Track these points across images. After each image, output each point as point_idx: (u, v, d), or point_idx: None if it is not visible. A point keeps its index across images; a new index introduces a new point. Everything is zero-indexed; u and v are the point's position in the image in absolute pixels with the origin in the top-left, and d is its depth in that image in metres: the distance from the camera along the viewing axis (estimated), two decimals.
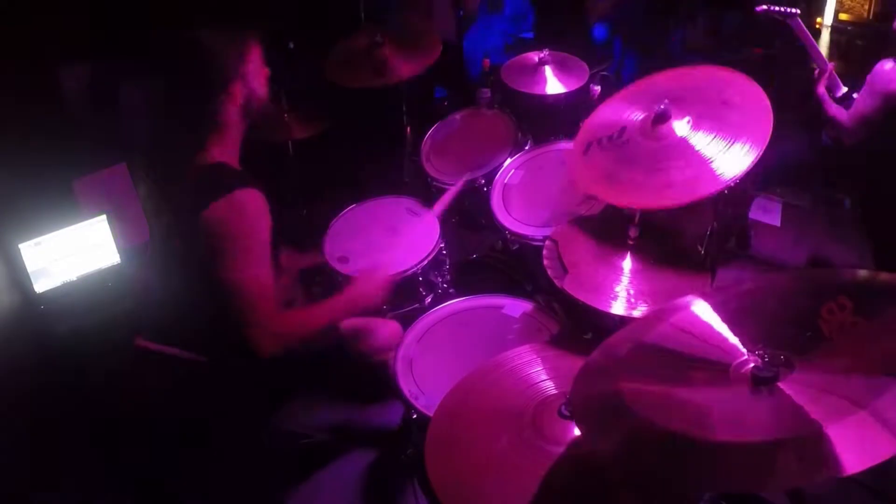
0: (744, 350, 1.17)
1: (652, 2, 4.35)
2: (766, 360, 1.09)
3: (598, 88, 2.85)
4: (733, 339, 1.20)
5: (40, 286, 2.55)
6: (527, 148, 2.74)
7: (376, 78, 2.81)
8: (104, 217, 2.65)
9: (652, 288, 1.79)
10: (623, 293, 1.79)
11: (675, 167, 1.73)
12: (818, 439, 0.89)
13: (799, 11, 2.74)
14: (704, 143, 1.74)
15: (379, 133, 3.76)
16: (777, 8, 2.75)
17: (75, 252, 2.61)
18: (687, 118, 1.80)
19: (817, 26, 4.32)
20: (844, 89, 2.72)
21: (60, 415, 2.43)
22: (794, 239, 3.57)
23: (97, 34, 2.87)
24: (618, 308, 1.74)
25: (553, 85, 2.91)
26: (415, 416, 1.85)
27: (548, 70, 2.94)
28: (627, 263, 1.87)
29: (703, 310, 1.29)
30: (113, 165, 2.76)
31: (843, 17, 4.29)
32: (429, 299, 2.46)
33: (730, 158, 1.67)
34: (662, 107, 1.81)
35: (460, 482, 1.36)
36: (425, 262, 2.39)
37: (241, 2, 3.33)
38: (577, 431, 1.37)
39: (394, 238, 2.50)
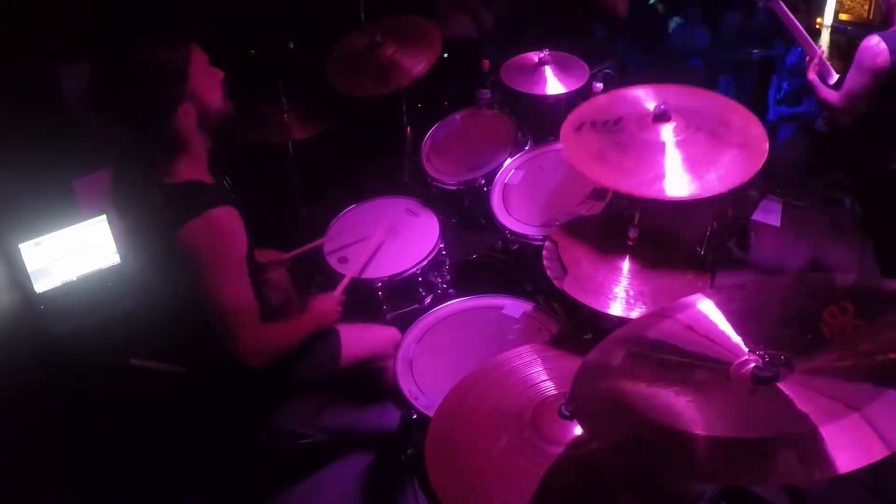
0: (745, 349, 1.17)
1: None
2: (767, 360, 1.10)
3: (600, 86, 2.84)
4: (736, 339, 1.20)
5: (40, 286, 2.54)
6: (527, 148, 2.74)
7: (382, 86, 2.74)
8: (104, 217, 2.65)
9: (651, 289, 1.79)
10: (623, 294, 1.79)
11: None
12: (813, 438, 0.90)
13: None
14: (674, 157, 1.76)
15: (379, 133, 3.76)
16: None
17: (75, 252, 2.60)
18: (674, 125, 1.81)
19: (817, 26, 4.32)
20: (836, 76, 2.70)
21: (60, 415, 2.43)
22: (794, 239, 3.57)
23: (97, 34, 2.86)
24: (617, 309, 1.74)
25: (553, 85, 2.90)
26: (415, 417, 1.86)
27: (548, 70, 2.93)
28: (627, 264, 1.87)
29: (706, 308, 1.29)
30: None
31: (843, 17, 4.28)
32: (428, 299, 2.46)
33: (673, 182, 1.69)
34: (663, 107, 1.82)
35: (460, 482, 1.36)
36: (425, 262, 2.40)
37: (241, 2, 3.34)
38: (577, 431, 1.37)
39: (393, 238, 2.50)
